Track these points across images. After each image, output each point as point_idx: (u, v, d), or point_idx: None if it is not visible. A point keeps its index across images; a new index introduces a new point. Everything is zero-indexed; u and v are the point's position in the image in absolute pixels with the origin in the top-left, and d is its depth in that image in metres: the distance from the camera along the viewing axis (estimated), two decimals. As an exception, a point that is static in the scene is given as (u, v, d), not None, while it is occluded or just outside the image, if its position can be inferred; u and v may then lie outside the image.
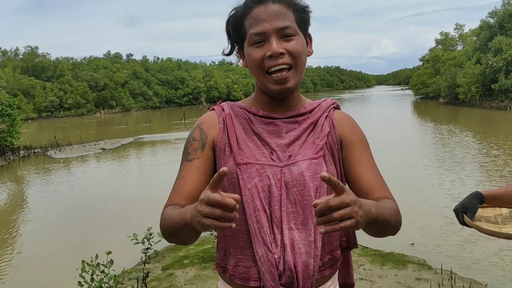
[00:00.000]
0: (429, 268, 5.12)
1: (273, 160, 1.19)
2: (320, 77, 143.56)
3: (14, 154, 19.08)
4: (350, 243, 1.33)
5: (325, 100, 1.34)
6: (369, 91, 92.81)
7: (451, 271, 4.88)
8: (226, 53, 1.31)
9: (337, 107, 1.35)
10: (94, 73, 61.06)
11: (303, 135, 1.25)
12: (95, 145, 20.82)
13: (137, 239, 4.08)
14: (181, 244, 1.20)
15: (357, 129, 1.33)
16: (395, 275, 4.88)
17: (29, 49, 62.34)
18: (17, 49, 65.07)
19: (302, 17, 1.21)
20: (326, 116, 1.29)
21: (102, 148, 19.38)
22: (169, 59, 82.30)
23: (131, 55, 79.55)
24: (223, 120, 1.26)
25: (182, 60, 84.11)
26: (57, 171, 15.35)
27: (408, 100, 54.71)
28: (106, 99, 59.12)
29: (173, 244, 1.26)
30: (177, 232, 1.09)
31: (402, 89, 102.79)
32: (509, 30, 36.68)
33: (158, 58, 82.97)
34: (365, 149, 1.30)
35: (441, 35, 53.18)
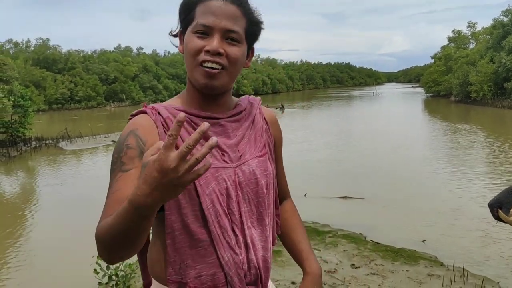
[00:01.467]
0: (441, 265, 5.11)
1: (225, 161, 1.16)
2: (330, 74, 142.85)
3: (26, 145, 19.27)
4: (279, 230, 1.37)
5: (250, 96, 1.34)
6: (379, 88, 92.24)
7: (463, 268, 4.86)
8: (173, 34, 1.23)
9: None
10: (104, 66, 61.29)
11: (246, 133, 1.23)
12: (105, 137, 20.96)
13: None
14: (127, 252, 0.98)
15: (281, 130, 1.38)
16: (406, 270, 4.88)
17: (41, 41, 62.70)
18: (28, 40, 65.45)
19: (252, 29, 1.18)
20: (259, 112, 1.30)
21: (113, 141, 19.49)
22: (179, 53, 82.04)
23: (142, 48, 79.80)
24: (162, 125, 1.14)
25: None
26: (68, 162, 15.49)
27: (419, 97, 54.34)
28: (116, 92, 59.34)
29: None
30: (117, 231, 0.92)
31: (412, 86, 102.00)
32: (523, 29, 36.24)
33: (168, 52, 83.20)
34: (282, 148, 1.39)
35: (454, 33, 52.71)
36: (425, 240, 6.12)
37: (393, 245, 5.78)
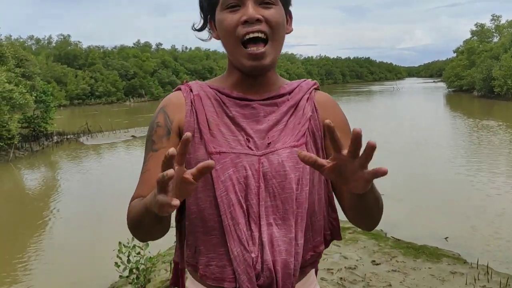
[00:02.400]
0: (464, 262, 5.00)
1: (250, 148, 1.07)
2: (349, 68, 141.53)
3: (48, 140, 19.62)
4: (334, 235, 1.20)
5: (305, 81, 1.22)
6: (399, 83, 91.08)
7: (487, 266, 4.75)
8: (197, 28, 1.17)
9: (317, 88, 1.22)
10: (124, 61, 61.95)
11: (283, 119, 1.11)
12: (125, 132, 21.19)
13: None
14: (146, 238, 1.08)
15: (341, 113, 1.20)
16: (429, 268, 4.79)
17: (62, 37, 63.78)
18: (50, 37, 66.67)
19: None
20: (308, 98, 1.16)
21: (133, 136, 19.69)
22: (198, 49, 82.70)
23: (161, 44, 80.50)
24: (191, 102, 1.10)
25: (211, 50, 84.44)
26: (89, 157, 15.70)
27: (441, 92, 53.46)
28: (135, 88, 59.96)
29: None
30: (140, 222, 0.98)
31: (434, 81, 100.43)
32: (549, 21, 35.27)
33: (186, 48, 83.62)
34: (346, 136, 1.09)
35: (477, 27, 51.61)
36: (447, 237, 6.01)
37: (415, 242, 5.69)
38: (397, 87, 70.91)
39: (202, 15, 1.15)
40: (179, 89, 1.16)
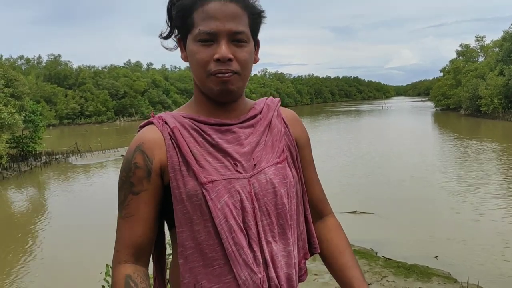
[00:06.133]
0: (455, 281, 5.01)
1: (239, 172, 1.07)
2: (338, 87, 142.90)
3: (36, 160, 19.41)
4: (313, 242, 1.23)
5: (268, 98, 1.24)
6: (388, 102, 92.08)
7: (477, 285, 4.76)
8: (163, 36, 1.15)
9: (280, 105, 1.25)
10: (114, 81, 61.93)
11: (261, 139, 1.13)
12: (115, 151, 21.07)
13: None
14: None
15: (305, 129, 1.25)
16: (419, 287, 4.78)
17: (52, 57, 63.62)
18: (40, 57, 66.64)
19: (256, 23, 1.11)
20: (277, 115, 1.19)
21: (122, 155, 19.59)
22: (188, 68, 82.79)
23: (151, 64, 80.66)
24: (169, 136, 1.08)
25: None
26: (78, 177, 15.55)
27: (429, 111, 54.10)
28: (125, 107, 59.85)
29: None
30: None
31: (422, 100, 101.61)
32: (533, 42, 36.08)
33: (175, 67, 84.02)
34: (311, 151, 1.25)
35: (462, 47, 52.64)
36: (438, 256, 6.01)
37: (405, 261, 5.69)
38: (385, 106, 71.60)
39: (169, 23, 1.14)
40: (151, 122, 1.12)
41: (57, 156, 20.52)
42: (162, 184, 1.08)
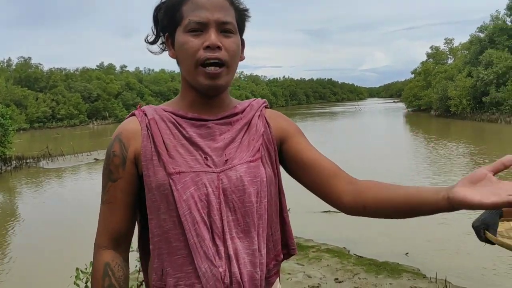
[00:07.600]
0: (424, 277, 5.14)
1: (208, 166, 1.09)
2: (312, 90, 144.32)
3: (6, 165, 18.91)
4: (290, 244, 1.25)
5: (255, 100, 1.27)
6: (361, 104, 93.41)
7: (445, 280, 4.90)
8: (150, 41, 1.19)
9: (267, 106, 1.28)
10: (87, 84, 60.97)
11: (237, 136, 1.15)
12: (88, 155, 20.72)
13: (132, 248, 4.05)
14: None
15: (293, 123, 1.26)
16: (390, 284, 4.89)
17: (22, 59, 62.29)
18: (9, 59, 64.98)
19: (241, 18, 1.16)
20: (259, 115, 1.21)
21: (95, 159, 19.28)
22: (162, 71, 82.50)
23: (125, 66, 79.82)
24: (146, 127, 1.12)
25: (176, 72, 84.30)
26: (49, 181, 15.23)
27: (401, 112, 55.16)
28: (99, 110, 58.99)
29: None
30: None
31: (394, 101, 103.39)
32: (499, 44, 37.28)
33: (149, 70, 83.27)
34: (305, 137, 1.24)
35: (432, 49, 53.91)
36: (408, 253, 6.15)
37: (377, 258, 5.80)
38: (359, 108, 72.66)
39: (154, 30, 1.19)
40: (134, 114, 1.18)
41: (28, 161, 20.04)
42: (137, 173, 1.13)
